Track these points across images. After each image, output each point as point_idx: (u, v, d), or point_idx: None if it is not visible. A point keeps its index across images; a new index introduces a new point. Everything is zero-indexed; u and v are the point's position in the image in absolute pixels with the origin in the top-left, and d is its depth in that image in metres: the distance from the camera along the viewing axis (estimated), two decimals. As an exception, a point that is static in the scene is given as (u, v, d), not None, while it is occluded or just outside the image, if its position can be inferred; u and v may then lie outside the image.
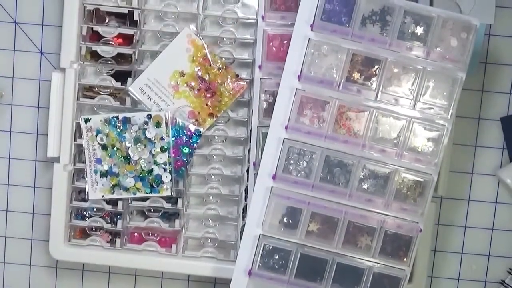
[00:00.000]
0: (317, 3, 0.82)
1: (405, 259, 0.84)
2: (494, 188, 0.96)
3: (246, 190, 0.90)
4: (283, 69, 0.83)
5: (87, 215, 0.93)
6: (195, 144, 0.90)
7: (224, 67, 0.89)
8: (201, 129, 0.90)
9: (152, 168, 0.90)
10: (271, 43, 0.87)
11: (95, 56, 0.91)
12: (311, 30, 0.82)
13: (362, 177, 0.83)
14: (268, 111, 0.87)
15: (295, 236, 0.84)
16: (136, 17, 0.89)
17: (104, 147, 0.90)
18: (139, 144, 0.90)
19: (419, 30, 0.82)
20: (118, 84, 0.91)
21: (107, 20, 0.91)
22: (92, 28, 0.90)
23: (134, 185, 0.90)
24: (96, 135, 0.90)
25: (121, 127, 0.90)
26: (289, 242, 0.84)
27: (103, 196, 0.91)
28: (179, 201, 0.91)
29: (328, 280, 0.83)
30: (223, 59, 0.89)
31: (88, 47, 0.90)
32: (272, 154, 0.83)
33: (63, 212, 0.91)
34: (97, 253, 0.92)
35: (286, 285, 0.84)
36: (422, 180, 0.83)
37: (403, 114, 0.83)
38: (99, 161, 0.90)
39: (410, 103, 0.83)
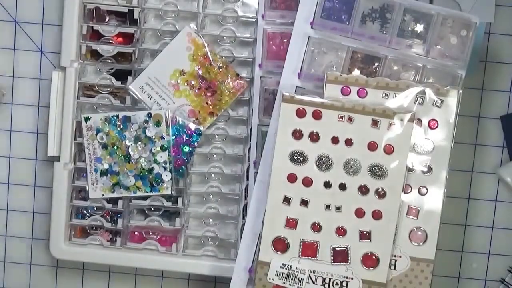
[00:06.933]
0: (317, 1, 0.82)
1: None
2: (494, 187, 0.96)
3: (246, 188, 0.90)
4: (283, 67, 0.83)
5: (87, 214, 0.93)
6: (195, 143, 0.90)
7: (225, 66, 0.89)
8: (201, 127, 0.90)
9: (152, 167, 0.90)
10: (271, 42, 0.87)
11: (95, 55, 0.91)
12: (311, 27, 0.82)
13: None
14: (268, 110, 0.87)
15: None
16: (136, 16, 0.90)
17: (104, 146, 0.90)
18: (139, 143, 0.90)
19: (419, 28, 0.82)
20: (118, 83, 0.91)
21: (107, 19, 0.91)
22: (92, 27, 0.90)
23: (134, 184, 0.90)
24: (96, 134, 0.90)
25: (121, 126, 0.90)
26: None
27: (103, 195, 0.91)
28: (179, 200, 0.91)
29: None
30: (224, 57, 0.90)
31: (88, 46, 0.90)
32: None
33: (64, 211, 0.91)
34: (98, 252, 0.92)
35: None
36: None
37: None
38: (99, 160, 0.90)
39: (410, 101, 0.83)
